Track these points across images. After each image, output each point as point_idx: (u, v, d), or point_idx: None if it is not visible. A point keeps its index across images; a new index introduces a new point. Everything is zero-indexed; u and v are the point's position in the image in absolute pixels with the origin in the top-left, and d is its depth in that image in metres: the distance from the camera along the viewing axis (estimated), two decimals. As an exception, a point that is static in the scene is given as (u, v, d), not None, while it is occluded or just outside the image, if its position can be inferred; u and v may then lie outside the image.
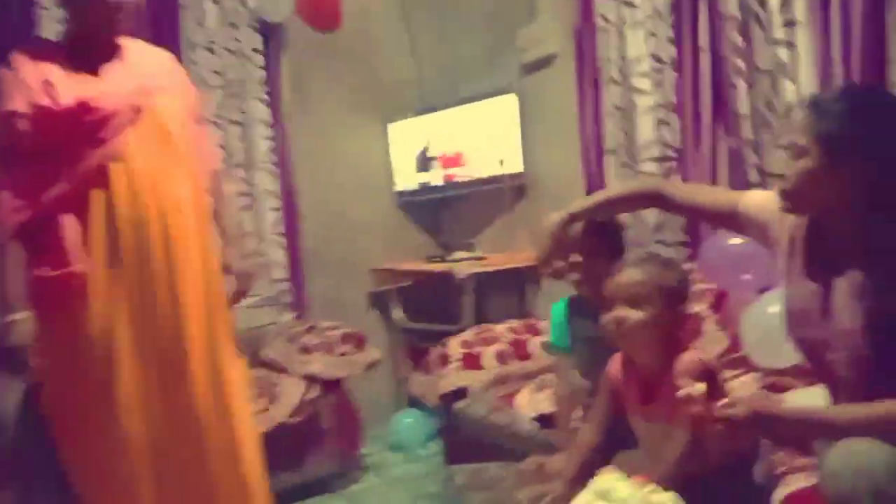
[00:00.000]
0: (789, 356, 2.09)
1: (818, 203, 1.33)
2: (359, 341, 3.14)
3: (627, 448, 1.60)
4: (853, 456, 1.15)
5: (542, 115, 3.47)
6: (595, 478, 1.30)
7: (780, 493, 1.50)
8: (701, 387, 1.26)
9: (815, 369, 1.43)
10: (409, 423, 3.46)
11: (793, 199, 1.35)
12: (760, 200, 1.51)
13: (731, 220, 1.55)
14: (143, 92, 1.72)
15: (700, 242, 2.63)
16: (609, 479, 1.27)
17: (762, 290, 2.24)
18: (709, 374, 1.46)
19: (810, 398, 1.91)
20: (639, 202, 1.72)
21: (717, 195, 1.62)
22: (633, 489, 1.23)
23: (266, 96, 3.55)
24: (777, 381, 2.15)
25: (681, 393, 1.27)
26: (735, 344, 2.18)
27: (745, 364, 2.14)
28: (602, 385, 1.62)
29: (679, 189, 1.67)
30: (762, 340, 2.07)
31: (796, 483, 1.52)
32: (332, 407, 2.91)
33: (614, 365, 1.59)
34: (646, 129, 2.94)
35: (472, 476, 1.92)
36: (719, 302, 2.40)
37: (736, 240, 2.28)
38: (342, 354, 3.02)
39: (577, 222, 1.64)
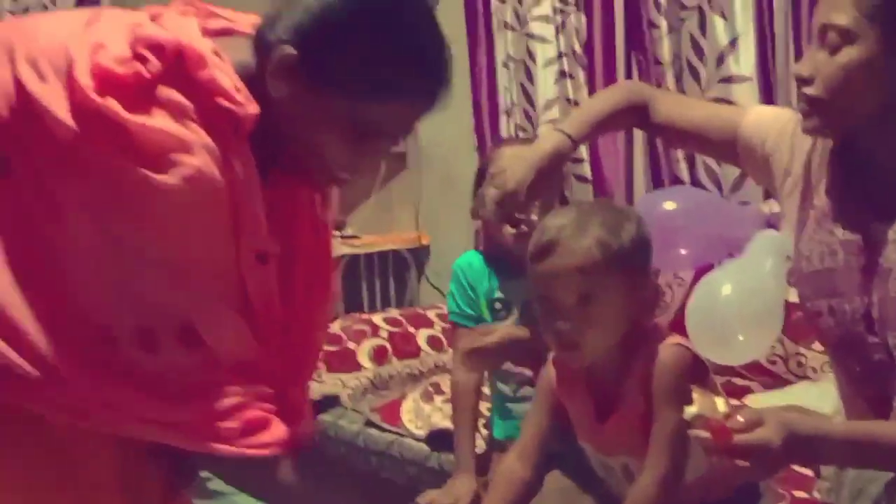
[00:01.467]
0: (747, 351, 1.72)
1: (863, 114, 0.94)
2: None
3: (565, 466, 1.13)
4: None
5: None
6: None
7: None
8: (717, 403, 0.82)
9: (837, 354, 1.06)
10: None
11: (827, 112, 0.94)
12: (767, 118, 1.12)
13: (728, 149, 1.15)
14: None
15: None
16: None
17: (700, 270, 1.86)
18: (701, 373, 1.00)
19: (772, 403, 1.55)
20: (625, 119, 1.24)
21: (714, 112, 1.22)
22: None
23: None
24: (730, 381, 1.76)
25: (688, 413, 0.79)
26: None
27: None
28: (537, 392, 1.12)
29: (667, 101, 1.22)
30: (712, 332, 1.67)
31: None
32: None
33: (551, 365, 1.09)
34: (546, 84, 2.55)
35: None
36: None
37: (669, 203, 1.87)
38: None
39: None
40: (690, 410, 0.82)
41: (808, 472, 1.31)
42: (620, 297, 0.97)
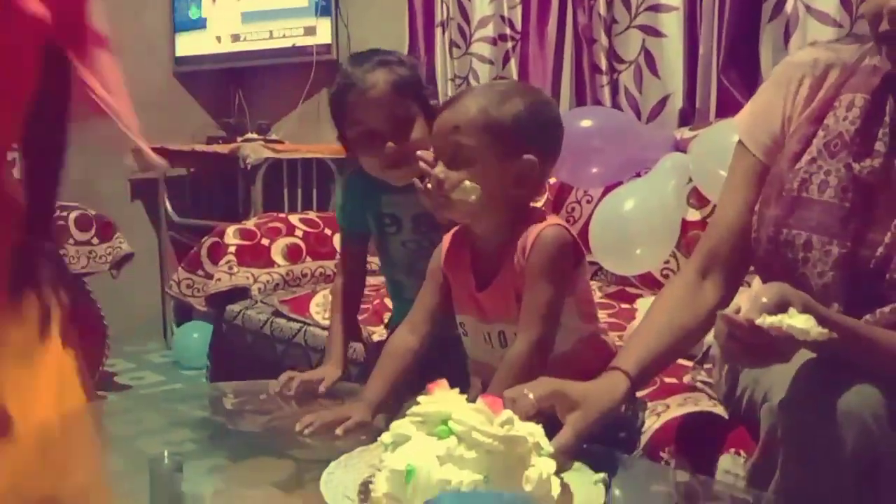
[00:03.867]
0: (643, 263, 1.81)
1: None
2: (103, 230, 2.43)
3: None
4: (846, 395, 0.83)
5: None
6: (421, 397, 0.84)
7: (650, 422, 1.15)
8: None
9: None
10: (194, 337, 2.88)
11: None
12: (747, 114, 1.09)
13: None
14: None
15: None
16: (443, 400, 0.82)
17: (609, 189, 1.92)
18: (578, 255, 1.05)
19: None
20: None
21: (734, 194, 1.08)
22: (479, 417, 0.78)
23: None
24: (623, 290, 1.85)
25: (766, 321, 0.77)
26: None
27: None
28: (428, 272, 1.15)
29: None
30: (613, 244, 1.74)
31: (670, 412, 1.17)
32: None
33: (445, 241, 1.13)
34: (482, 1, 2.52)
35: (247, 397, 1.40)
36: (559, 199, 2.04)
37: (584, 121, 1.92)
38: (78, 244, 2.31)
39: None
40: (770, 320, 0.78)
41: (683, 361, 1.39)
42: (491, 162, 1.01)
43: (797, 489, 0.85)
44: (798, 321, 0.78)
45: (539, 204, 1.95)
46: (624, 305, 1.72)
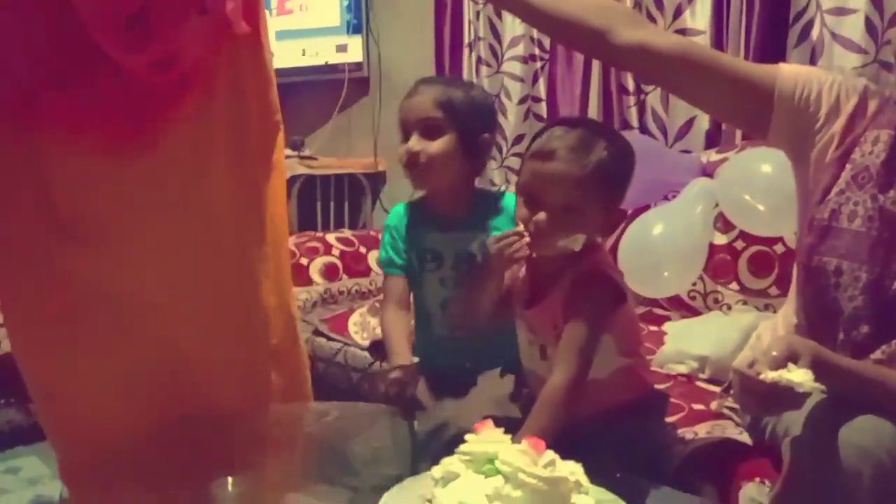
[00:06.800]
0: (670, 286, 1.86)
1: None
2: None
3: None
4: (862, 432, 0.88)
5: (393, -4, 2.98)
6: (469, 436, 0.91)
7: (679, 449, 1.20)
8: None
9: (814, 318, 1.05)
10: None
11: None
12: (804, 70, 1.10)
13: (758, 108, 1.08)
14: None
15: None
16: (489, 439, 0.89)
17: (637, 211, 1.97)
18: (617, 298, 1.11)
19: (688, 331, 1.68)
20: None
21: (750, 67, 1.12)
22: (524, 459, 0.85)
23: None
24: (651, 311, 1.90)
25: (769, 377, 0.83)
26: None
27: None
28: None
29: (667, 39, 1.12)
30: (641, 266, 1.80)
31: (699, 439, 1.23)
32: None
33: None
34: (514, 20, 2.57)
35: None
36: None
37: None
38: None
39: None
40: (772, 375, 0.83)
41: (711, 386, 1.45)
42: (598, 210, 1.08)
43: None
44: (796, 376, 0.84)
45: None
46: (652, 328, 1.77)
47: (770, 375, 0.84)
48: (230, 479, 0.94)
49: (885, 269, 0.98)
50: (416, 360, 1.35)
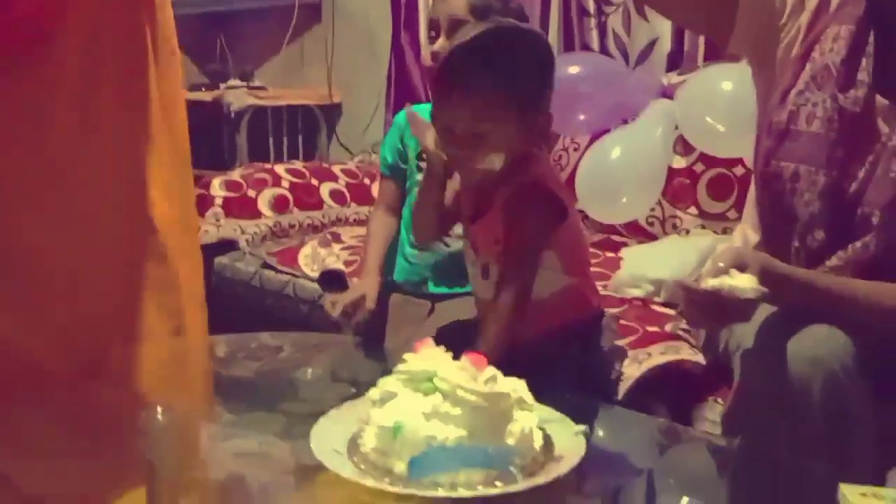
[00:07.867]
0: (628, 211, 1.82)
1: None
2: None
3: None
4: (814, 342, 0.85)
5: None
6: (408, 354, 0.85)
7: (632, 370, 1.17)
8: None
9: (772, 222, 1.01)
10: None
11: None
12: None
13: (722, 2, 1.04)
14: None
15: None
16: (428, 357, 0.83)
17: (596, 136, 1.92)
18: (558, 214, 1.05)
19: (645, 255, 1.65)
20: None
21: None
22: (463, 375, 0.80)
23: None
24: (609, 238, 1.86)
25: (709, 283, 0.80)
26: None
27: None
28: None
29: None
30: (599, 192, 1.75)
31: (652, 360, 1.20)
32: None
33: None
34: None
35: (238, 347, 1.42)
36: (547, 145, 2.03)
37: (572, 67, 1.90)
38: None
39: None
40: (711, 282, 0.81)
41: (667, 310, 1.42)
42: (513, 126, 1.01)
43: (766, 438, 0.88)
44: (738, 281, 0.80)
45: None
46: (609, 254, 1.73)
47: (710, 282, 0.80)
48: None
49: (842, 173, 0.94)
50: (369, 287, 1.31)
